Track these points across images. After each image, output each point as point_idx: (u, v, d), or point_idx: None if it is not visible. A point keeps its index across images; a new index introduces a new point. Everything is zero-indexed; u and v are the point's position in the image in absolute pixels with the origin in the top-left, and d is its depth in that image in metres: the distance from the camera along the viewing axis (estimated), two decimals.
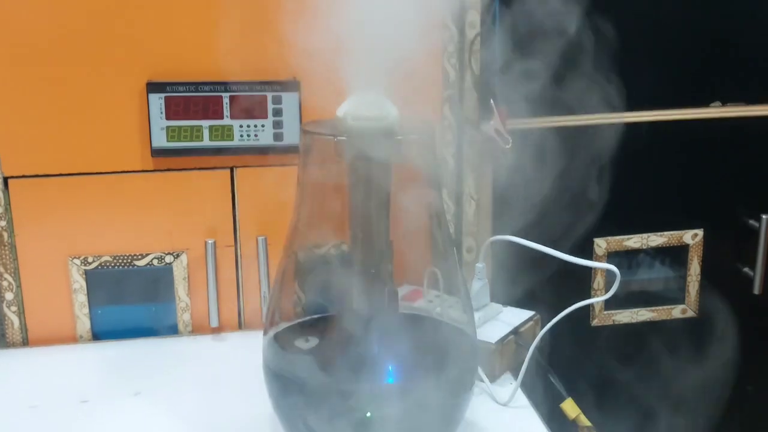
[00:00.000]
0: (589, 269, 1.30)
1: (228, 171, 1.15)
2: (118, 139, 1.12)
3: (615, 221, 1.26)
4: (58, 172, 1.11)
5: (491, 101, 1.15)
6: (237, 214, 1.16)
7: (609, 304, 1.33)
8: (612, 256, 1.31)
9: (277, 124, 1.13)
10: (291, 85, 1.12)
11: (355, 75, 0.84)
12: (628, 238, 1.31)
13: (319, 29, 0.85)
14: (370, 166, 0.83)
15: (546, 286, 1.16)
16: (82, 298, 1.15)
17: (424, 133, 0.87)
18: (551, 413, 1.00)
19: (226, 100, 1.12)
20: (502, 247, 1.15)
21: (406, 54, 0.85)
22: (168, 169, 1.14)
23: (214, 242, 1.15)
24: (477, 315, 1.06)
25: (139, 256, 1.15)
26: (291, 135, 1.13)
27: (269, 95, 1.12)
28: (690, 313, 1.36)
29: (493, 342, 1.04)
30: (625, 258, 1.34)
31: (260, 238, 1.15)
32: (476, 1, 1.16)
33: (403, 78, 0.85)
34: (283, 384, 0.86)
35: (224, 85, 1.11)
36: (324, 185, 0.89)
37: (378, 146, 0.82)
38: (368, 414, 0.82)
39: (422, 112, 0.92)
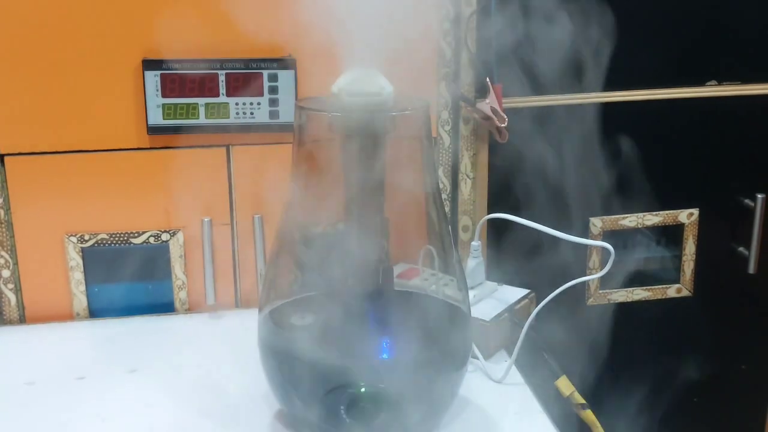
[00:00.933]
0: (584, 248, 1.30)
1: (224, 149, 1.15)
2: (114, 116, 1.12)
3: (610, 200, 1.26)
4: (54, 150, 1.11)
5: (487, 79, 1.15)
6: (233, 192, 1.16)
7: (604, 283, 1.34)
8: (607, 236, 1.31)
9: (273, 102, 1.13)
10: (287, 63, 1.12)
11: (350, 53, 0.84)
12: (624, 218, 1.31)
13: (315, 6, 0.85)
14: (365, 142, 0.83)
15: (541, 264, 1.16)
16: (78, 275, 1.15)
17: (419, 109, 0.87)
18: (545, 390, 1.01)
19: (222, 78, 1.12)
20: (497, 225, 1.15)
21: (402, 32, 0.85)
22: (164, 147, 1.14)
23: (210, 220, 1.15)
24: (472, 293, 1.06)
25: (136, 234, 1.15)
26: (287, 113, 1.13)
27: (265, 73, 1.12)
28: (685, 293, 1.37)
29: (488, 319, 1.04)
30: (620, 237, 1.35)
31: (256, 217, 1.16)
32: None
33: (399, 56, 0.85)
34: (279, 360, 0.87)
35: (220, 63, 1.11)
36: (319, 162, 0.89)
37: (373, 122, 0.82)
38: (363, 389, 0.82)
39: (418, 90, 0.92)
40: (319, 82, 0.89)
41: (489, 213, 1.19)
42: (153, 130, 1.12)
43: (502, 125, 1.16)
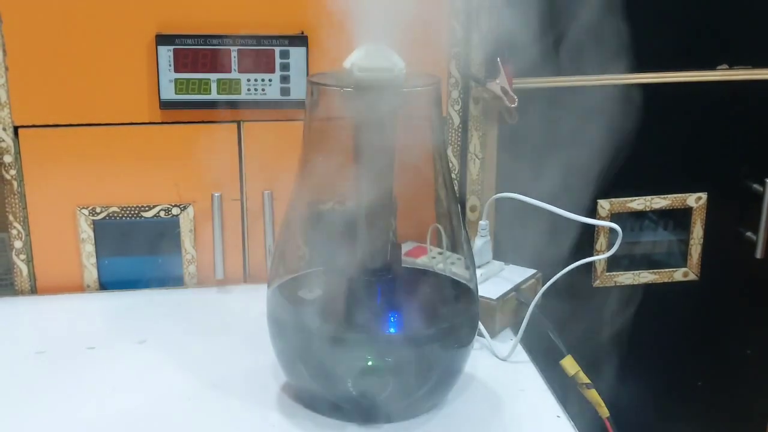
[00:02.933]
0: (592, 230, 1.31)
1: (235, 124, 1.15)
2: (127, 90, 1.12)
3: (619, 183, 1.27)
4: (68, 123, 1.12)
5: (498, 59, 1.16)
6: (243, 167, 1.17)
7: (611, 266, 1.34)
8: (615, 218, 1.31)
9: (285, 79, 1.14)
10: (299, 40, 1.12)
11: (362, 30, 0.85)
12: (632, 200, 1.32)
13: None
14: (376, 118, 0.83)
15: (549, 245, 1.16)
16: (89, 248, 1.16)
17: (431, 86, 0.87)
18: (550, 369, 1.02)
19: (234, 54, 1.12)
20: (505, 205, 1.16)
21: (413, 11, 0.85)
22: (176, 122, 1.14)
23: (221, 195, 1.16)
24: (479, 272, 1.07)
25: (147, 208, 1.16)
26: (298, 90, 1.14)
27: (277, 50, 1.13)
28: (692, 277, 1.37)
29: (494, 298, 1.05)
30: (628, 220, 1.35)
31: (266, 193, 1.16)
32: None
33: (410, 35, 0.86)
34: (287, 333, 0.87)
35: (232, 39, 1.12)
36: (330, 138, 0.90)
37: (384, 98, 0.83)
38: (370, 363, 0.83)
39: (428, 69, 0.93)
40: (330, 60, 0.89)
41: (497, 193, 1.20)
42: (165, 105, 1.13)
43: (512, 105, 1.16)
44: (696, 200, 1.33)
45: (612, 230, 0.96)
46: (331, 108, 0.86)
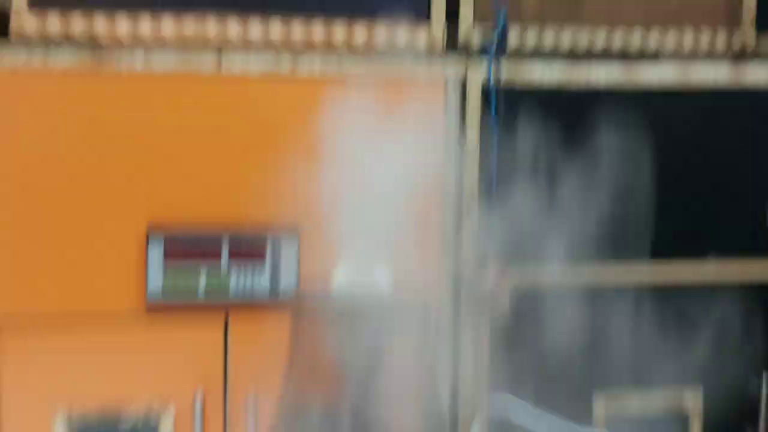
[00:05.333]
0: None
1: (222, 319, 1.14)
2: (113, 281, 1.11)
3: (613, 378, 1.24)
4: (48, 312, 1.10)
5: (487, 258, 1.16)
6: (228, 365, 1.14)
7: None
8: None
9: (275, 275, 1.13)
10: (290, 237, 1.13)
11: (353, 229, 0.85)
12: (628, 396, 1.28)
13: (322, 189, 0.86)
14: (364, 335, 0.83)
15: None
16: None
17: (419, 303, 0.86)
18: None
19: (224, 248, 1.12)
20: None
21: (404, 213, 0.86)
22: (163, 313, 1.12)
23: (203, 396, 1.12)
24: None
25: (125, 413, 1.12)
26: (288, 286, 1.13)
27: (269, 245, 1.13)
28: None
29: None
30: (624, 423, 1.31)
31: (250, 396, 1.12)
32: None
33: (400, 236, 0.86)
34: None
35: (224, 234, 1.12)
36: (316, 352, 0.88)
37: (370, 316, 0.82)
38: None
39: (419, 265, 0.92)
40: (320, 258, 0.91)
41: (490, 390, 1.17)
42: (153, 298, 1.11)
43: (503, 299, 1.15)
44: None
45: None
46: (317, 329, 0.85)
